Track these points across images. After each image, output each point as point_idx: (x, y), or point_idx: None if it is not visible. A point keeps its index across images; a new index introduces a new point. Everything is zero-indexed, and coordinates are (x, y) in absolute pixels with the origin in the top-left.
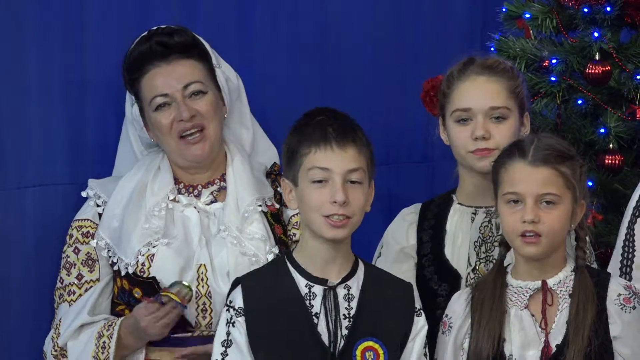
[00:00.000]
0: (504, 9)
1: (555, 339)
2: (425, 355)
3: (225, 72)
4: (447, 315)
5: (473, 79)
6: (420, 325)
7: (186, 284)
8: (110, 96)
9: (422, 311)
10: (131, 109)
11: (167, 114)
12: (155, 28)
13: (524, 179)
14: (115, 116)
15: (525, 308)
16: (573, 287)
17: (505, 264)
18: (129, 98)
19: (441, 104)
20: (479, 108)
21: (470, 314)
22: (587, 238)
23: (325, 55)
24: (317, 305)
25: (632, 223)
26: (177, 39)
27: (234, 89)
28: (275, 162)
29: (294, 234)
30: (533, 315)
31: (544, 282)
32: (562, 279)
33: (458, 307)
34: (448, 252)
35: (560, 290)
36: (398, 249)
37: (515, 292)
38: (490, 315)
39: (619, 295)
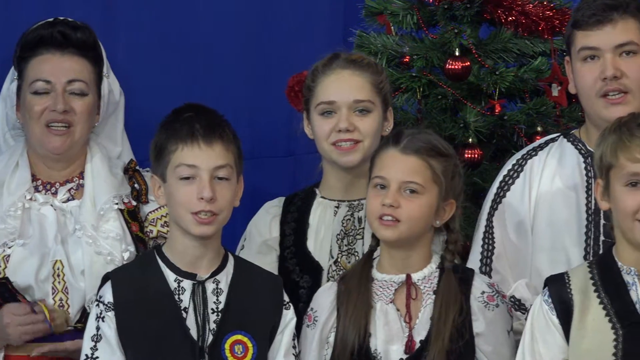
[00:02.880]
0: (365, 5)
1: (419, 334)
2: (294, 347)
3: (111, 85)
4: (312, 309)
5: (338, 72)
6: (288, 317)
7: (68, 312)
8: None
9: (290, 304)
10: (9, 85)
11: (43, 101)
12: (63, 18)
13: (392, 165)
14: None
15: (391, 302)
16: (438, 283)
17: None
18: (11, 74)
19: (306, 98)
20: (343, 101)
21: (336, 308)
22: (458, 241)
23: (191, 51)
24: (186, 300)
25: (490, 216)
26: (79, 35)
27: (114, 102)
28: (132, 159)
29: (151, 231)
30: (398, 310)
31: (408, 276)
32: (427, 275)
33: (324, 300)
34: (310, 245)
35: (425, 286)
36: (261, 242)
37: (380, 286)
38: (355, 308)
39: (483, 293)
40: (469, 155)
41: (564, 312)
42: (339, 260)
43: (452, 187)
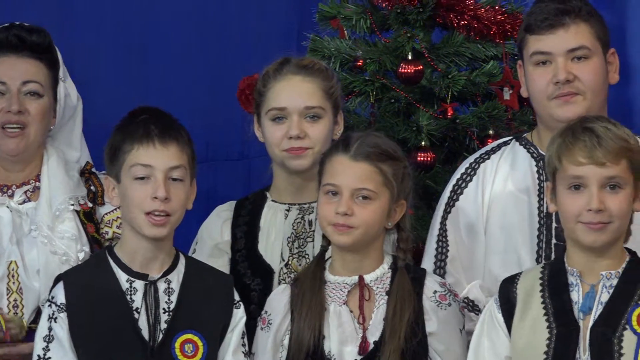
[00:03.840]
0: (319, 10)
1: (373, 335)
2: (243, 345)
3: (68, 89)
4: (266, 312)
5: (289, 78)
6: (239, 316)
7: (23, 320)
8: None
9: (241, 303)
10: None
11: None
12: (19, 23)
13: (343, 172)
14: None
15: (344, 304)
16: (391, 284)
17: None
18: None
19: (257, 102)
20: (294, 107)
21: (290, 311)
22: (409, 239)
23: (146, 54)
24: (138, 300)
25: (444, 219)
26: (35, 39)
27: (71, 107)
28: (88, 162)
29: (106, 232)
30: (352, 312)
31: (361, 278)
32: (380, 276)
33: (278, 303)
34: (262, 248)
35: (377, 287)
36: (212, 245)
37: (333, 288)
38: (309, 310)
39: (435, 292)
40: (422, 158)
41: (508, 311)
42: (289, 262)
43: (402, 188)
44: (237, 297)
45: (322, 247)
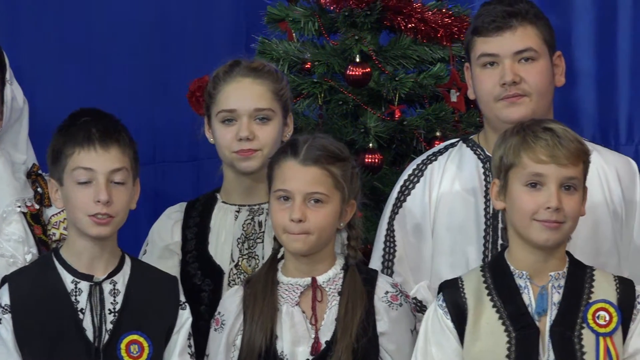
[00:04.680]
0: (267, 12)
1: (325, 335)
2: (189, 346)
3: (14, 92)
4: (219, 313)
5: (238, 80)
6: (184, 317)
7: None
8: None
9: (186, 304)
10: None
11: None
12: None
13: (293, 177)
14: None
15: (297, 305)
16: (343, 284)
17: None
18: None
19: (207, 104)
20: (244, 109)
21: (242, 312)
22: (359, 237)
23: (92, 55)
24: (83, 301)
25: (391, 220)
26: None
27: (17, 109)
28: (34, 164)
29: (54, 234)
30: (304, 312)
31: (314, 279)
32: (332, 277)
33: (230, 304)
34: (212, 249)
35: (330, 288)
36: (163, 246)
37: (286, 289)
38: (262, 311)
39: (387, 292)
40: (369, 160)
41: (458, 316)
42: (239, 263)
43: (352, 188)
44: (182, 298)
45: (273, 249)
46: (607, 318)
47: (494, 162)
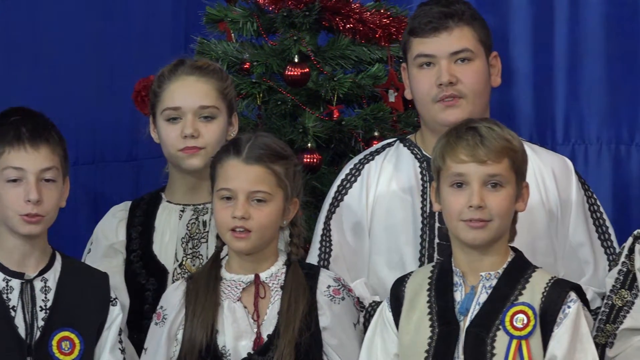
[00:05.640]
0: (206, 13)
1: (268, 329)
2: (120, 342)
3: None
4: (161, 307)
5: (183, 79)
6: (115, 314)
7: None
8: None
9: (117, 300)
10: None
11: None
12: None
13: (236, 176)
14: None
15: (239, 300)
16: (285, 280)
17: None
18: None
19: (152, 103)
20: (189, 107)
21: (184, 306)
22: (301, 234)
23: (33, 54)
24: (14, 298)
25: (328, 219)
26: None
27: None
28: None
29: None
30: (246, 307)
31: (257, 276)
32: (274, 272)
33: (173, 298)
34: (156, 248)
35: (273, 283)
36: (107, 245)
37: (228, 285)
38: (204, 307)
39: (329, 287)
40: (308, 160)
41: (396, 309)
42: (183, 263)
43: (294, 186)
44: (113, 294)
45: (216, 247)
46: (525, 321)
47: (431, 165)
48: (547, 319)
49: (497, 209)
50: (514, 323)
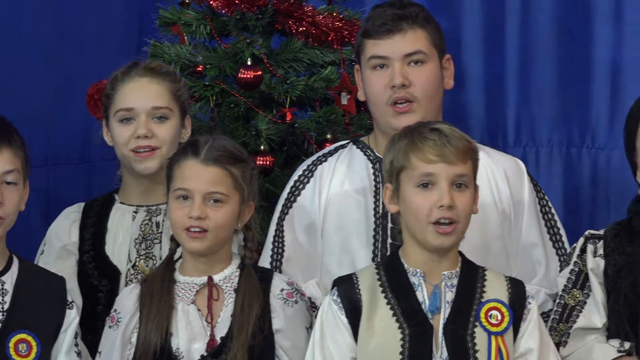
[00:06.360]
0: (159, 16)
1: (221, 332)
2: (76, 345)
3: None
4: (115, 310)
5: (136, 80)
6: (71, 317)
7: None
8: None
9: (73, 304)
10: None
11: None
12: None
13: (193, 176)
14: None
15: (192, 303)
16: (239, 283)
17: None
18: None
19: (105, 105)
20: (142, 107)
21: (138, 309)
22: (255, 238)
23: None
24: None
25: (281, 220)
26: None
27: None
28: None
29: None
30: (199, 310)
31: (210, 278)
32: (228, 275)
33: (127, 301)
34: (109, 250)
35: (226, 286)
36: (60, 247)
37: (182, 288)
38: (158, 310)
39: (282, 290)
40: (261, 162)
41: (353, 312)
42: (137, 264)
43: (250, 190)
44: (69, 298)
45: (170, 249)
46: (499, 317)
47: (385, 167)
48: (516, 315)
49: (463, 209)
50: (489, 319)
